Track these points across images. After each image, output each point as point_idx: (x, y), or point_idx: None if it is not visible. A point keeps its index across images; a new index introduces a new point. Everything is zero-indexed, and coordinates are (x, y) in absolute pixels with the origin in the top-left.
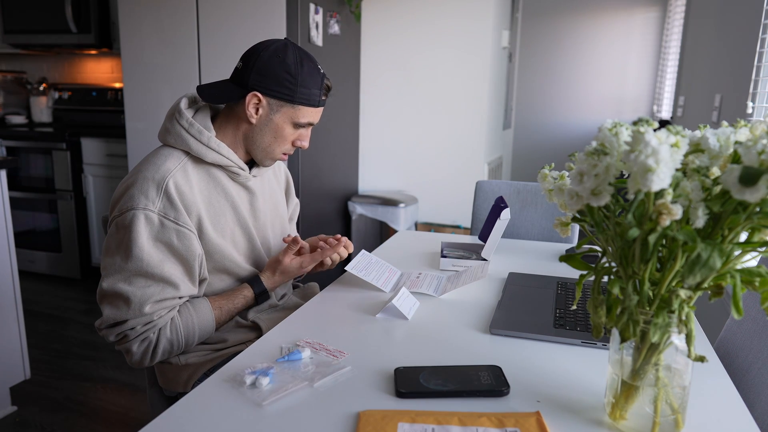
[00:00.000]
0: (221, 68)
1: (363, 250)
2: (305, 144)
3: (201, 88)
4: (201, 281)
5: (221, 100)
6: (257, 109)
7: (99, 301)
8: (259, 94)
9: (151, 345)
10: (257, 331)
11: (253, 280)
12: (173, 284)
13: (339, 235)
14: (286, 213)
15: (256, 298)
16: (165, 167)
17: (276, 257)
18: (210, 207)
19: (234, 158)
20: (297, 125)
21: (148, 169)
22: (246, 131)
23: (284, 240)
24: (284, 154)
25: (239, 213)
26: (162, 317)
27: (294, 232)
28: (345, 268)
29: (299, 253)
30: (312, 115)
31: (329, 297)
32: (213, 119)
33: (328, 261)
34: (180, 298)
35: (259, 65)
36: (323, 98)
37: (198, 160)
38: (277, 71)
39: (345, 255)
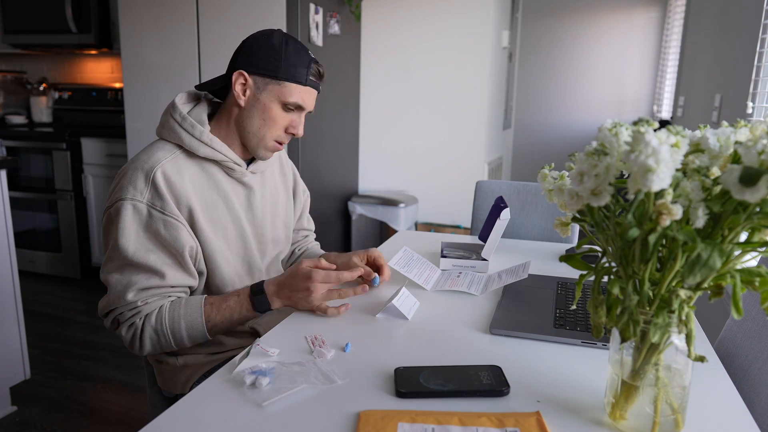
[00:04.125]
0: (221, 68)
1: (405, 247)
2: (299, 131)
3: (200, 84)
4: (199, 274)
5: (212, 86)
6: (244, 90)
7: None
8: (245, 73)
9: (137, 331)
10: (256, 337)
11: (255, 283)
12: (159, 273)
13: (367, 270)
14: (292, 214)
15: (252, 299)
16: (155, 158)
17: (297, 262)
18: (203, 200)
19: (228, 153)
20: (285, 106)
21: (139, 160)
22: (237, 117)
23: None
24: (278, 142)
25: (233, 209)
26: (148, 304)
27: (309, 224)
28: (389, 264)
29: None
30: (300, 94)
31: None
32: (211, 116)
33: (324, 305)
34: (171, 287)
35: (244, 48)
36: (311, 78)
37: (191, 154)
38: (262, 49)
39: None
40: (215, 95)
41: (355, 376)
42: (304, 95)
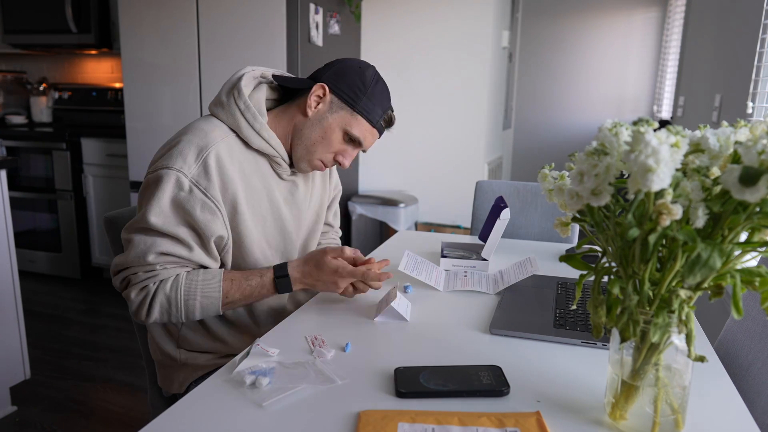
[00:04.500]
0: (221, 68)
1: (407, 250)
2: (346, 162)
3: (276, 75)
4: (222, 264)
5: (292, 83)
6: (318, 103)
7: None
8: (326, 87)
9: (149, 296)
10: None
11: (278, 264)
12: (186, 245)
13: (373, 259)
14: (325, 203)
15: (275, 282)
16: (211, 137)
17: (320, 249)
18: (248, 189)
19: (281, 150)
20: (347, 135)
21: (194, 133)
22: (298, 123)
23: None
24: (322, 162)
25: (274, 201)
26: (166, 269)
27: (333, 220)
28: (398, 268)
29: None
30: (364, 132)
31: (329, 297)
32: (269, 107)
33: (365, 288)
34: (192, 261)
35: (337, 66)
36: (381, 123)
37: (243, 141)
38: (352, 76)
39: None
40: (282, 89)
41: (355, 376)
42: (368, 134)
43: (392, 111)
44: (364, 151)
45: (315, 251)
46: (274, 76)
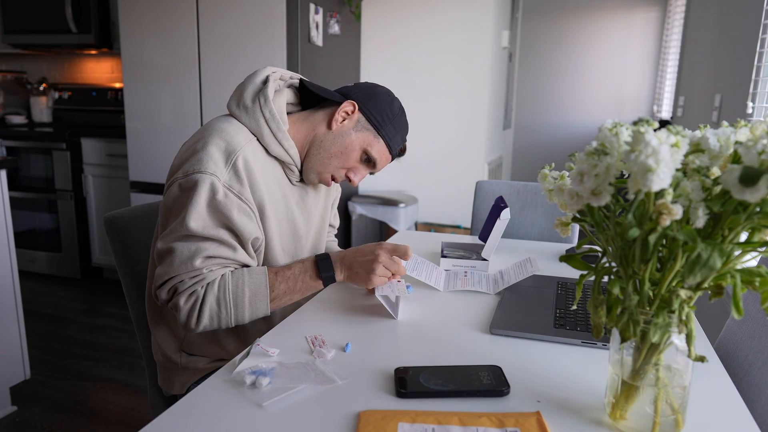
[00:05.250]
0: (221, 68)
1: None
2: (356, 180)
3: (305, 81)
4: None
5: (321, 93)
6: (344, 119)
7: (157, 261)
8: (356, 105)
9: (198, 300)
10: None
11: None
12: (230, 245)
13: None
14: (329, 206)
15: (318, 264)
16: (236, 140)
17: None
18: (270, 193)
19: (297, 159)
20: (366, 155)
21: (219, 135)
22: (320, 134)
23: None
24: (332, 177)
25: (289, 207)
26: (212, 271)
27: (334, 220)
28: None
29: None
30: (381, 155)
31: (328, 297)
32: (289, 111)
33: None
34: (237, 261)
35: (368, 89)
36: (397, 150)
37: (263, 146)
38: (382, 101)
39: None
40: (301, 93)
41: (355, 376)
42: (383, 158)
43: (405, 142)
44: (372, 173)
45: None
46: (303, 81)
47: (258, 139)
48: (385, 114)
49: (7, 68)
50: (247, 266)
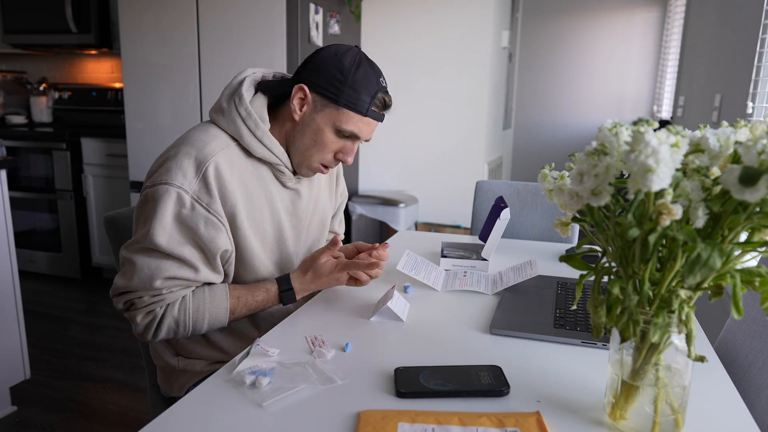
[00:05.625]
0: (221, 68)
1: (407, 250)
2: (348, 159)
3: (264, 81)
4: (225, 276)
5: (275, 90)
6: (302, 105)
7: (118, 267)
8: (306, 88)
9: (156, 319)
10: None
11: (281, 278)
12: (192, 266)
13: (377, 245)
14: (330, 211)
15: (281, 295)
16: (210, 148)
17: (311, 255)
18: (248, 200)
19: (283, 158)
20: (339, 132)
21: (192, 144)
22: (289, 130)
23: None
24: (324, 165)
25: (275, 211)
26: (173, 293)
27: (338, 227)
28: (397, 268)
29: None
30: (357, 124)
31: (328, 298)
32: (269, 109)
33: (364, 277)
34: (197, 281)
35: (315, 60)
36: (374, 109)
37: (245, 149)
38: (329, 68)
39: (379, 275)
40: (275, 90)
41: (355, 376)
42: (361, 125)
43: (384, 93)
44: (367, 141)
45: (307, 259)
46: (258, 83)
47: (239, 142)
48: (336, 80)
49: (7, 68)
50: (210, 282)
